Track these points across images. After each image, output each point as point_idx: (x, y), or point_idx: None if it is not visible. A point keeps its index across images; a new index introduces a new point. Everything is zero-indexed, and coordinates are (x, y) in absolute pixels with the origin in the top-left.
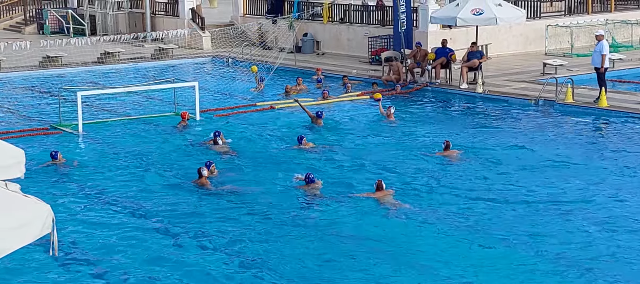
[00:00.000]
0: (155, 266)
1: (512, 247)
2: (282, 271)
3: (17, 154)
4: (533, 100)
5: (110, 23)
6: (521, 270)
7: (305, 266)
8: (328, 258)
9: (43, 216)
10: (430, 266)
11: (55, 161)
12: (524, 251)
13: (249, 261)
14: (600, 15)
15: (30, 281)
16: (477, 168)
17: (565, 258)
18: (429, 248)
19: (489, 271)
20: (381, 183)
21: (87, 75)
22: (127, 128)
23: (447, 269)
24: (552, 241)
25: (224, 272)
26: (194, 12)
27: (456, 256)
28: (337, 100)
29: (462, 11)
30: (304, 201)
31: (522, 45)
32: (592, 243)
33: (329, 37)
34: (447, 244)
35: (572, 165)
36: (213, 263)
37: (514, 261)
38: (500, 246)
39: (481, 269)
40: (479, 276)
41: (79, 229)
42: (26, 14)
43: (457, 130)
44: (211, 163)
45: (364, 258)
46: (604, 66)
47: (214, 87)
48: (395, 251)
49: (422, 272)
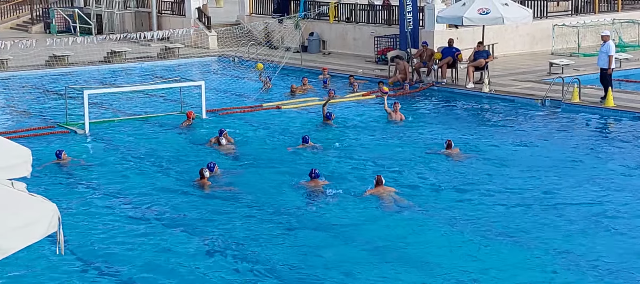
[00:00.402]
0: (161, 265)
1: (517, 246)
2: (284, 271)
3: (24, 153)
4: (539, 100)
5: (116, 22)
6: (526, 268)
7: (306, 266)
8: (328, 256)
9: (49, 215)
10: (434, 263)
11: (60, 161)
12: (530, 250)
13: (252, 261)
14: (607, 14)
15: (36, 280)
16: (483, 168)
17: (571, 257)
18: (434, 247)
19: (493, 269)
20: (380, 178)
21: (93, 74)
22: (134, 128)
23: (450, 267)
24: (557, 241)
25: (228, 272)
26: (200, 11)
27: (462, 255)
28: (343, 99)
29: (469, 11)
30: (306, 201)
31: (529, 45)
32: (598, 242)
33: (335, 36)
34: (452, 243)
35: (578, 165)
36: (217, 263)
37: (519, 260)
38: (505, 245)
39: (485, 266)
40: (483, 275)
41: (84, 227)
42: (33, 13)
43: (463, 129)
44: (214, 164)
45: (369, 256)
46: (611, 67)
47: (220, 87)
48: (401, 250)
49: (424, 269)
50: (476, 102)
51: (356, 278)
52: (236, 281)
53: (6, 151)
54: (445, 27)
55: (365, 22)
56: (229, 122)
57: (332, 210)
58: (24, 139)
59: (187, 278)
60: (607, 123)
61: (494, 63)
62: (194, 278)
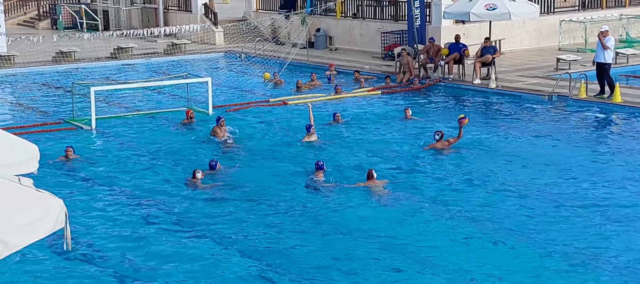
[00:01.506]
0: (166, 261)
1: (522, 243)
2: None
3: (30, 149)
4: (546, 95)
5: (123, 18)
6: (533, 266)
7: (306, 263)
8: (328, 253)
9: (56, 211)
10: (438, 260)
11: (67, 157)
12: (535, 247)
13: (256, 256)
14: (614, 10)
15: (43, 275)
16: (490, 164)
17: (577, 255)
18: (437, 243)
19: (497, 266)
20: (371, 172)
21: (100, 71)
22: (140, 124)
23: (454, 264)
24: (563, 238)
25: (231, 266)
26: (206, 7)
27: (467, 252)
28: (349, 95)
29: (476, 6)
30: (305, 195)
31: (536, 41)
32: (604, 240)
33: (341, 32)
34: (455, 239)
35: (585, 161)
36: (221, 257)
37: (525, 257)
38: (510, 241)
39: (490, 264)
40: (487, 272)
41: (91, 223)
42: (40, 9)
43: (470, 125)
44: (216, 162)
45: (369, 251)
46: (609, 61)
47: (227, 82)
48: (404, 245)
49: (427, 266)
50: (483, 98)
51: (363, 276)
52: (244, 273)
53: (13, 147)
54: (452, 23)
55: (372, 18)
56: (235, 118)
57: (328, 204)
58: (31, 135)
59: (192, 273)
60: (614, 119)
61: (500, 59)
62: (198, 273)
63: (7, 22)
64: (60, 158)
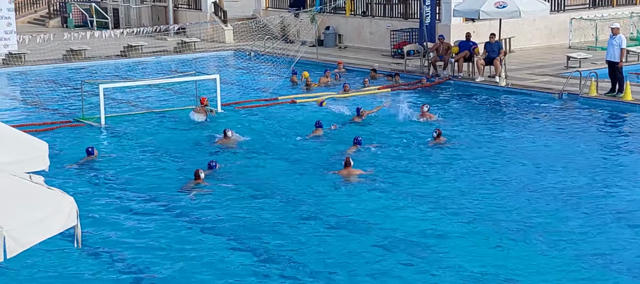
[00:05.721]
0: (175, 258)
1: (532, 241)
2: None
3: (41, 147)
4: (557, 93)
5: (133, 16)
6: (539, 264)
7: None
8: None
9: (67, 209)
10: (438, 258)
11: (91, 157)
12: (544, 246)
13: (265, 251)
14: (625, 7)
15: (54, 272)
16: (500, 162)
17: (586, 253)
18: (442, 241)
19: (502, 265)
20: (349, 160)
21: (110, 68)
22: (149, 121)
23: (459, 261)
24: (574, 236)
25: (239, 264)
26: (216, 5)
27: (473, 249)
28: (358, 93)
29: (485, 4)
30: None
31: (546, 39)
32: (616, 237)
33: (351, 30)
34: (461, 236)
35: (595, 159)
36: (228, 253)
37: (535, 255)
38: (520, 240)
39: (494, 262)
40: (492, 270)
41: (101, 221)
42: (50, 7)
43: (479, 123)
44: (216, 163)
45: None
46: (622, 60)
47: (236, 80)
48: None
49: (429, 262)
50: (493, 96)
51: (365, 274)
52: (251, 270)
53: (24, 145)
54: (461, 21)
55: (382, 16)
56: (242, 116)
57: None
58: (41, 133)
59: (200, 269)
60: (625, 117)
61: (510, 57)
62: (206, 268)
63: (17, 20)
64: (86, 159)
